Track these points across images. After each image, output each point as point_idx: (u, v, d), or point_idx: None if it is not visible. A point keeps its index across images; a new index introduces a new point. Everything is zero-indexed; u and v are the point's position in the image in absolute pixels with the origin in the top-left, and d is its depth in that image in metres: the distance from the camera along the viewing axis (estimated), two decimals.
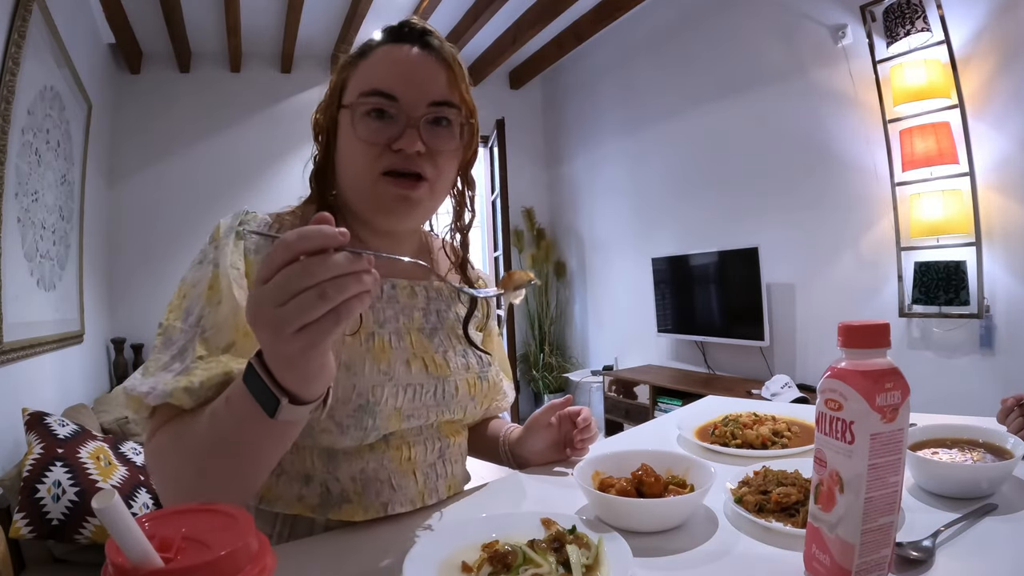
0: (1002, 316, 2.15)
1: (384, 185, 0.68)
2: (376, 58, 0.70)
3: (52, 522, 1.47)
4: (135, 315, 3.52)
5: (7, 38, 1.83)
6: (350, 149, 0.69)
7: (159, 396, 0.58)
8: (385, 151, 0.67)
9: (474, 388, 0.78)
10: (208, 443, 0.54)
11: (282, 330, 0.43)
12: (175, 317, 0.64)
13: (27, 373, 2.01)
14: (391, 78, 0.67)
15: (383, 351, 0.70)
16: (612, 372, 3.66)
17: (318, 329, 0.43)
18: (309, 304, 0.42)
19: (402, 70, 0.68)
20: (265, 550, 0.37)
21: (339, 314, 0.43)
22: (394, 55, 0.69)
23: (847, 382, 0.46)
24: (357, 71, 0.70)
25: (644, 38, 3.75)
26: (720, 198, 3.29)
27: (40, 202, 2.17)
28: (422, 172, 0.68)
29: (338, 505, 0.68)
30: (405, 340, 0.73)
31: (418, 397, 0.71)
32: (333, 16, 3.56)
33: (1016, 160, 2.09)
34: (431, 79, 0.69)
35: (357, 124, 0.67)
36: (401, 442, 0.72)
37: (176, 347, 0.61)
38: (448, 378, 0.75)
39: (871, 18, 2.42)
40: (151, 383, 0.59)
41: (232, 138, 3.88)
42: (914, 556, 0.51)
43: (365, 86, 0.68)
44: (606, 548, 0.56)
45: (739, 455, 0.85)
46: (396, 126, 0.67)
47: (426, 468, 0.74)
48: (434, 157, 0.69)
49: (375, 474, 0.70)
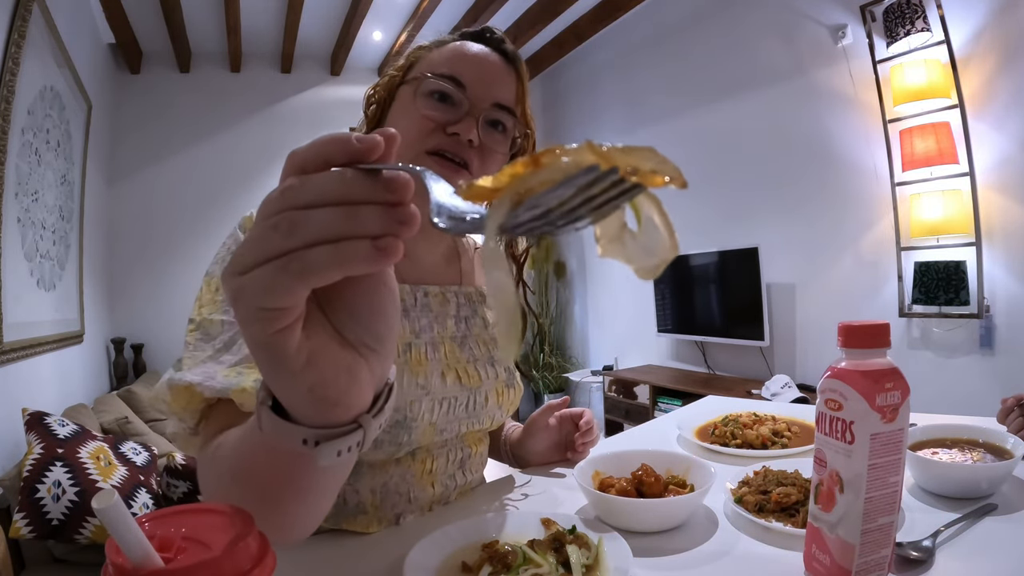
0: (1002, 316, 2.15)
1: (426, 163, 0.64)
2: (452, 49, 0.70)
3: (52, 522, 1.47)
4: (135, 315, 3.52)
5: (7, 38, 1.83)
6: (404, 121, 0.67)
7: (219, 389, 0.49)
8: (438, 131, 0.66)
9: (502, 397, 0.77)
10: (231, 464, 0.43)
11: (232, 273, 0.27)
12: (211, 311, 0.57)
13: (27, 373, 2.01)
14: (464, 68, 0.67)
15: (420, 363, 0.69)
16: (612, 372, 3.66)
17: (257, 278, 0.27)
18: (264, 239, 0.26)
19: (476, 65, 0.68)
20: (265, 550, 0.37)
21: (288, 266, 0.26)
22: (472, 50, 0.70)
23: (847, 382, 0.46)
24: (429, 56, 0.70)
25: (644, 38, 3.75)
26: (720, 198, 3.28)
27: (40, 202, 2.17)
28: (469, 162, 0.66)
29: (353, 516, 0.67)
30: (440, 351, 0.72)
31: (452, 410, 0.70)
32: (333, 16, 3.56)
33: (1016, 160, 2.09)
34: (501, 82, 0.69)
35: (419, 98, 0.66)
36: (426, 455, 0.71)
37: (221, 340, 0.55)
38: (479, 389, 0.74)
39: (871, 18, 2.42)
40: (201, 372, 0.50)
41: (232, 138, 3.88)
42: (914, 556, 0.51)
43: (437, 68, 0.67)
44: (606, 548, 0.56)
45: (739, 455, 0.85)
46: (457, 112, 0.66)
47: (445, 479, 0.74)
48: (483, 154, 0.67)
49: (396, 487, 0.69)
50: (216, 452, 0.46)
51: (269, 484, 0.39)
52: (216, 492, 0.45)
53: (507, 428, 0.94)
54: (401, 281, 0.71)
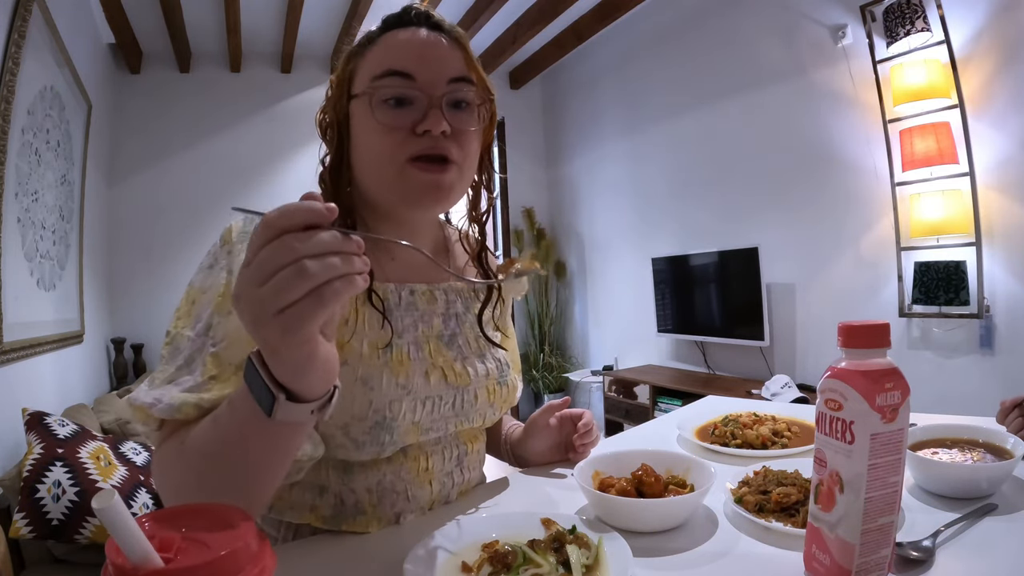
0: (1002, 316, 2.15)
1: (412, 172, 0.64)
2: (384, 43, 0.67)
3: (52, 522, 1.47)
4: (135, 315, 3.52)
5: (7, 38, 1.83)
6: (370, 138, 0.65)
7: (165, 409, 0.55)
8: (409, 136, 0.64)
9: (493, 395, 0.76)
10: (209, 449, 0.51)
11: (262, 312, 0.40)
12: (183, 324, 0.61)
13: (27, 373, 2.01)
14: (405, 57, 0.64)
15: (401, 364, 0.67)
16: (612, 372, 3.66)
17: (299, 311, 0.39)
18: (287, 282, 0.39)
19: (415, 49, 0.65)
20: (265, 550, 0.37)
21: (322, 296, 0.39)
22: (404, 36, 0.66)
23: (847, 382, 0.46)
24: (365, 59, 0.67)
25: (644, 38, 3.75)
26: (720, 198, 3.29)
27: (40, 202, 2.17)
28: (449, 155, 0.65)
29: (352, 517, 0.67)
30: (424, 350, 0.70)
31: (437, 409, 0.69)
32: (333, 16, 3.56)
33: (1016, 160, 2.09)
34: (446, 56, 0.66)
35: (376, 110, 0.64)
36: (419, 452, 0.71)
37: (183, 356, 0.58)
38: (468, 387, 0.72)
39: (871, 18, 2.42)
40: (156, 394, 0.56)
41: (232, 138, 3.87)
42: (914, 556, 0.51)
43: (378, 69, 0.64)
44: (606, 548, 0.56)
45: (739, 455, 0.85)
46: (418, 109, 0.64)
47: (443, 477, 0.73)
48: (458, 138, 0.66)
49: (392, 486, 0.68)
50: (184, 445, 0.53)
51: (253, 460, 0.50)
52: (185, 478, 0.53)
53: (507, 427, 0.93)
54: (386, 280, 0.70)
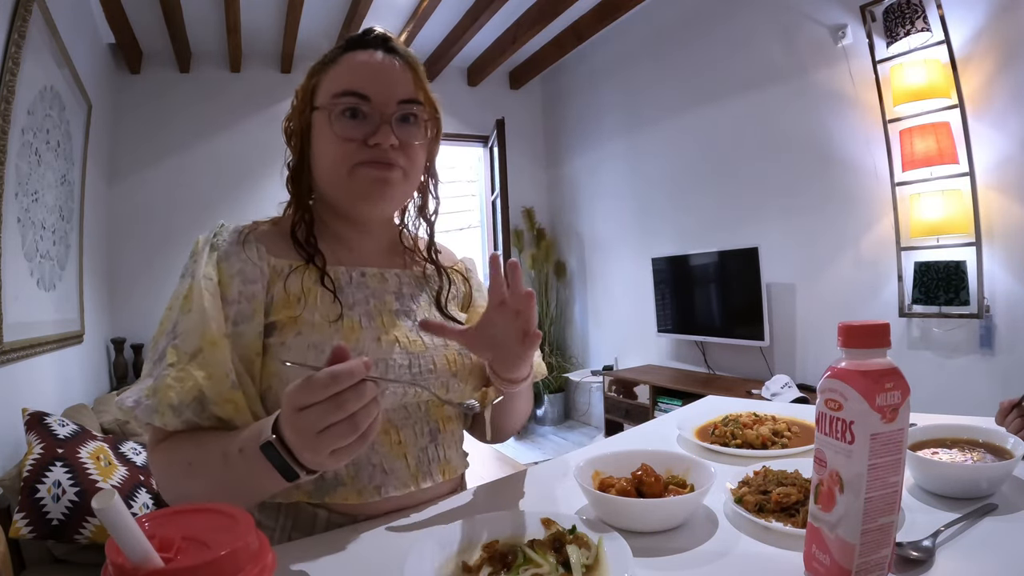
0: (1002, 316, 2.15)
1: (361, 170, 0.72)
2: (345, 63, 0.74)
3: (52, 522, 1.47)
4: (135, 315, 3.52)
5: (7, 38, 1.82)
6: (327, 147, 0.73)
7: (145, 413, 0.63)
8: (361, 146, 0.72)
9: (454, 364, 0.77)
10: (221, 481, 0.61)
11: (321, 451, 0.52)
12: (162, 330, 0.68)
13: (27, 373, 2.01)
14: (362, 80, 0.73)
15: (352, 331, 0.71)
16: (612, 372, 3.66)
17: (349, 449, 0.53)
18: (342, 433, 0.51)
19: (371, 72, 0.73)
20: (265, 550, 0.37)
21: (366, 436, 0.53)
22: (362, 59, 0.74)
23: (847, 382, 0.46)
24: (327, 76, 0.75)
25: (644, 38, 3.75)
26: (720, 198, 3.29)
27: (40, 202, 2.17)
28: (395, 163, 0.73)
29: (333, 488, 0.69)
30: (376, 321, 0.74)
31: (391, 371, 0.71)
32: (333, 16, 3.56)
33: (1016, 160, 2.09)
34: (398, 80, 0.74)
35: (334, 122, 0.72)
36: (388, 425, 0.73)
37: (157, 354, 0.66)
38: (424, 353, 0.75)
39: (871, 18, 2.42)
40: (135, 396, 0.64)
41: (232, 138, 3.88)
42: (914, 556, 0.51)
43: (337, 88, 0.73)
44: (606, 548, 0.56)
45: (739, 455, 0.85)
46: (370, 124, 0.72)
47: (417, 452, 0.74)
48: (406, 150, 0.74)
49: (367, 459, 0.71)
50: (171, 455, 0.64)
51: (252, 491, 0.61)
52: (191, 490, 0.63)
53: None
54: (338, 264, 0.76)
